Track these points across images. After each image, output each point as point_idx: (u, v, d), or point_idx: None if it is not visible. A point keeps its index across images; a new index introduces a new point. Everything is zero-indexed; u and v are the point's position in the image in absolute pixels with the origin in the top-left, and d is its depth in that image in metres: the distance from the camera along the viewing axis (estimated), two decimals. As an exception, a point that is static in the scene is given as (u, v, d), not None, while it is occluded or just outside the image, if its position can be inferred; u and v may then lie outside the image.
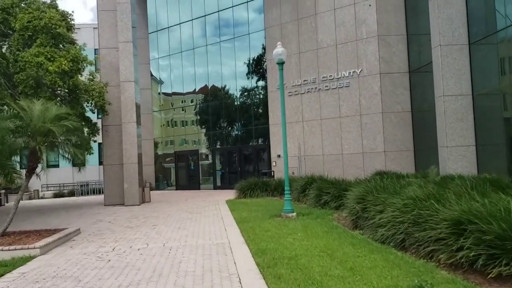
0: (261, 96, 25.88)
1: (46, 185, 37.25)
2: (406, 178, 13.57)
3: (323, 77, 21.50)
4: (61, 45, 16.27)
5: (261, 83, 26.09)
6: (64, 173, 42.68)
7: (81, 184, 34.07)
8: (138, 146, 20.02)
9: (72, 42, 17.06)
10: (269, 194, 18.84)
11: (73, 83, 15.83)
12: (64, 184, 36.59)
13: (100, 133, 20.45)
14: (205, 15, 27.60)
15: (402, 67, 19.88)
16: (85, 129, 19.89)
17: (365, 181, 13.89)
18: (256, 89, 26.34)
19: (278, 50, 12.49)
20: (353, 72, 20.64)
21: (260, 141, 25.83)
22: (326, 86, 21.48)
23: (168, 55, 29.72)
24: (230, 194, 20.91)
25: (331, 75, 21.29)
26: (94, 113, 19.52)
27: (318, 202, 14.09)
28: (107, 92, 19.39)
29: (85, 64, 16.34)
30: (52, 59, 14.98)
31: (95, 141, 20.33)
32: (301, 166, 21.41)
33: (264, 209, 14.51)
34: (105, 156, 20.21)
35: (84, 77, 18.70)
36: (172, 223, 12.84)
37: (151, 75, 30.87)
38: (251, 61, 26.11)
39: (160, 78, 30.95)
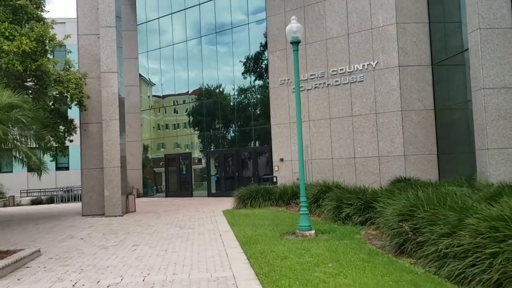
0: (262, 93, 23.33)
1: (26, 191, 34.40)
2: (443, 186, 11.12)
3: (333, 71, 19.02)
4: (24, 23, 13.53)
5: (261, 78, 23.52)
6: (46, 177, 39.79)
7: (64, 189, 31.28)
8: (122, 148, 17.38)
9: (40, 20, 14.30)
10: (273, 203, 16.26)
11: (37, 68, 13.08)
12: (46, 190, 33.69)
13: (78, 132, 17.82)
14: (199, 4, 25.00)
15: (424, 59, 17.47)
16: (61, 127, 17.29)
17: (394, 190, 11.39)
18: (255, 86, 23.76)
19: (293, 26, 9.98)
20: (367, 65, 18.20)
21: (260, 143, 23.21)
22: (336, 81, 19.00)
23: (158, 48, 27.07)
24: (227, 202, 18.32)
25: (342, 69, 18.83)
26: (70, 108, 16.85)
27: (338, 216, 11.55)
28: (85, 84, 16.78)
29: (53, 45, 13.66)
30: (11, 37, 12.29)
31: (71, 141, 17.65)
32: (307, 172, 18.88)
33: (271, 223, 11.95)
34: (83, 158, 17.53)
35: (59, 66, 16.11)
36: (158, 242, 10.22)
37: (140, 75, 28.13)
38: (250, 54, 23.53)
39: (149, 78, 28.22)
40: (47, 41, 13.30)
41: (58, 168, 43.37)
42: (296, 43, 10.12)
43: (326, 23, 19.32)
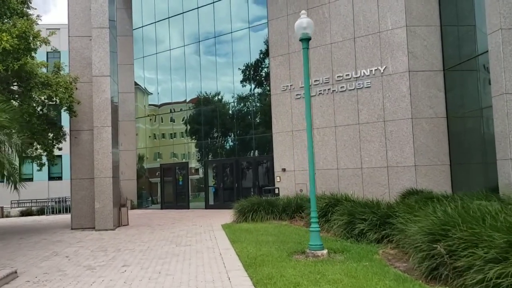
0: (262, 100, 22.32)
1: (16, 201, 33.14)
2: (467, 201, 10.08)
3: (338, 77, 18.06)
4: (7, 18, 12.46)
5: (262, 85, 22.53)
6: (39, 187, 38.56)
7: (55, 200, 30.08)
8: (114, 157, 16.30)
9: (24, 15, 13.21)
10: (276, 217, 15.16)
11: (20, 67, 11.98)
12: (37, 200, 32.48)
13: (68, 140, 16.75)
14: (197, 7, 24.06)
15: (435, 64, 16.53)
16: (50, 134, 16.22)
17: (413, 204, 10.36)
18: (256, 92, 22.73)
19: (302, 21, 9.01)
20: (375, 70, 17.25)
21: (261, 152, 22.12)
22: (341, 87, 18.03)
23: (154, 54, 26.08)
24: (226, 215, 17.22)
25: (348, 74, 17.87)
26: (59, 114, 15.77)
27: (350, 232, 10.47)
28: (76, 89, 15.75)
29: (38, 43, 12.60)
30: (-11, 34, 11.24)
31: (60, 149, 16.54)
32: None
33: (276, 240, 10.85)
34: (73, 168, 16.42)
35: (48, 69, 15.11)
36: (151, 262, 9.11)
37: (136, 84, 27.04)
38: (251, 60, 22.52)
39: (145, 87, 27.11)
40: (31, 38, 12.25)
41: (51, 178, 42.20)
42: (306, 40, 9.13)
43: (331, 27, 18.40)
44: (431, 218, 7.27)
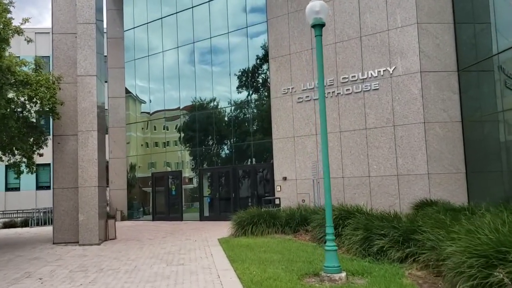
0: (262, 105, 20.99)
1: (2, 212, 31.58)
2: (495, 211, 8.82)
3: (344, 78, 16.83)
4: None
5: (261, 88, 21.22)
6: (26, 197, 36.92)
7: (42, 211, 28.44)
8: (101, 164, 14.91)
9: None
10: (278, 230, 13.79)
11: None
12: (24, 211, 30.81)
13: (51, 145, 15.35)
14: (192, 7, 22.76)
15: (448, 65, 15.35)
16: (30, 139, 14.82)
17: (443, 218, 9.04)
18: (254, 96, 21.39)
19: (315, 4, 7.70)
20: (383, 71, 16.04)
21: (259, 159, 20.72)
22: (347, 90, 16.79)
23: (146, 56, 24.72)
24: (223, 227, 15.86)
25: (354, 76, 16.65)
26: (41, 116, 14.34)
27: (368, 250, 9.13)
28: (60, 89, 14.40)
29: (10, 33, 11.25)
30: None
31: (41, 155, 15.12)
32: (314, 192, 16.46)
33: (282, 258, 9.48)
34: (55, 176, 15.00)
35: (28, 67, 13.77)
36: (138, 286, 7.71)
37: (127, 91, 25.64)
38: (249, 62, 21.21)
39: (137, 94, 25.68)
40: (1, 26, 10.90)
41: (39, 187, 40.38)
42: (319, 26, 7.81)
43: (336, 25, 17.21)
44: (478, 237, 5.95)
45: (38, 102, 13.34)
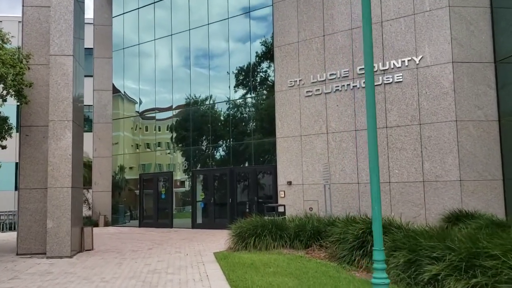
0: (263, 100, 18.74)
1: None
2: None
3: (361, 69, 14.68)
4: None
5: (265, 81, 18.93)
6: (3, 198, 34.34)
7: (15, 213, 25.92)
8: (77, 162, 12.60)
9: None
10: (286, 244, 11.54)
11: None
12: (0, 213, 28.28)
13: (17, 137, 13.04)
14: (188, -10, 20.53)
15: (484, 55, 13.28)
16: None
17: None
18: (257, 90, 19.07)
19: None
20: (408, 61, 13.94)
21: (260, 161, 18.38)
22: (364, 82, 14.64)
23: (137, 44, 22.39)
24: (219, 238, 13.62)
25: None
26: (4, 100, 11.97)
27: (416, 277, 6.92)
28: (28, 68, 12.11)
29: None
30: None
31: (3, 147, 12.76)
32: (325, 199, 14.26)
33: (299, 285, 7.24)
34: (22, 174, 12.65)
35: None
36: (103, 331, 5.44)
37: (115, 89, 23.22)
38: (250, 52, 18.95)
39: (125, 92, 23.26)
40: None
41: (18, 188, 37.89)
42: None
43: (352, 8, 15.10)
44: None
45: (1, 83, 11.03)
